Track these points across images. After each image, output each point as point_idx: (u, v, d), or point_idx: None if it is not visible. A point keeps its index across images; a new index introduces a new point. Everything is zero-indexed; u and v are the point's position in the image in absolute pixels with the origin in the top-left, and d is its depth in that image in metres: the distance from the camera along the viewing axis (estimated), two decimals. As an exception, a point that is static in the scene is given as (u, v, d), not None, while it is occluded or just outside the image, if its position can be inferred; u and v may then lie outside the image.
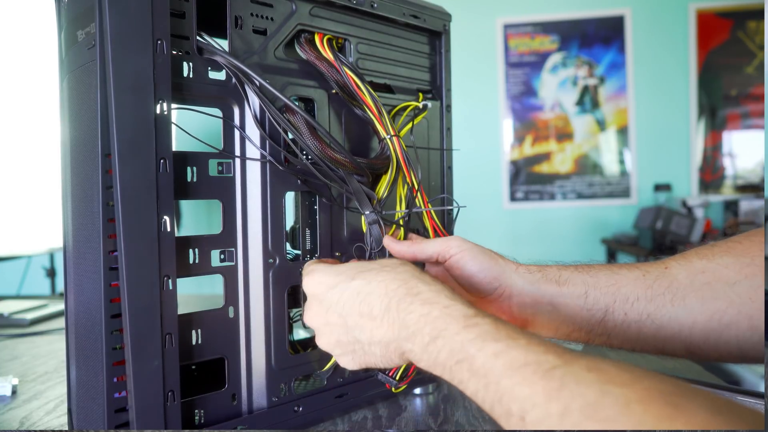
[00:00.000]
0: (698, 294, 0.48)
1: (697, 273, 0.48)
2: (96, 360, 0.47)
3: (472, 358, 0.36)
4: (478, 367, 0.36)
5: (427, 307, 0.40)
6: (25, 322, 1.10)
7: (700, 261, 0.49)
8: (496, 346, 0.35)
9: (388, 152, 0.59)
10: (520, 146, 3.29)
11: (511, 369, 0.34)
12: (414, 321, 0.41)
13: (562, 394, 0.31)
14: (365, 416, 0.61)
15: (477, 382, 0.36)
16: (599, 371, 0.31)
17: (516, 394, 0.33)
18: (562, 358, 0.33)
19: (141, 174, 0.45)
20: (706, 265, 0.48)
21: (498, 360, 0.35)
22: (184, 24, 0.50)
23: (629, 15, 3.20)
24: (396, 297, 0.42)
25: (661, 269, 0.50)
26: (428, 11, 0.68)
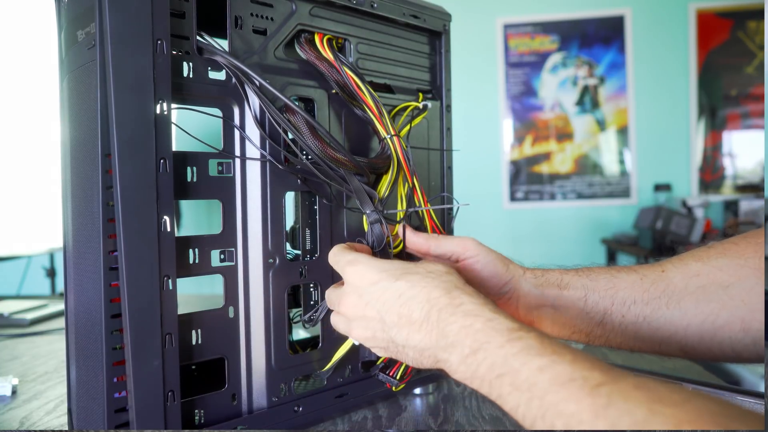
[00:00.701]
0: (693, 297, 0.48)
1: (693, 276, 0.49)
2: (96, 360, 0.47)
3: (516, 373, 0.35)
4: (521, 381, 0.35)
5: (469, 318, 0.40)
6: (25, 322, 1.10)
7: (696, 263, 0.49)
8: (541, 360, 0.35)
9: (388, 152, 0.59)
10: (520, 146, 3.29)
11: (556, 384, 0.33)
12: (455, 332, 0.40)
13: (609, 412, 0.30)
14: (365, 416, 0.61)
15: (519, 396, 0.35)
16: (648, 390, 0.31)
17: (561, 410, 0.32)
18: (609, 374, 0.33)
19: (141, 174, 0.45)
20: (701, 268, 0.49)
21: (543, 375, 0.34)
22: (184, 24, 0.50)
23: (629, 15, 3.20)
24: (438, 306, 0.42)
25: (658, 272, 0.51)
26: (428, 11, 0.68)
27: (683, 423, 0.28)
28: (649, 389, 0.31)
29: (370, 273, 0.47)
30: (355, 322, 0.49)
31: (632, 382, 0.32)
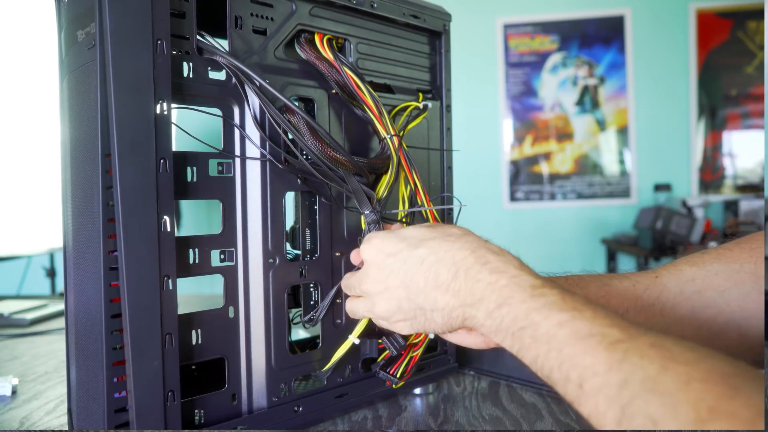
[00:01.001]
0: (688, 303, 0.48)
1: (688, 281, 0.49)
2: (96, 360, 0.47)
3: (536, 326, 0.37)
4: (541, 334, 0.36)
5: (495, 275, 0.41)
6: (25, 322, 1.10)
7: (691, 269, 0.49)
8: (561, 315, 0.36)
9: (388, 152, 0.59)
10: (520, 146, 3.29)
11: (574, 338, 0.34)
12: (481, 289, 0.41)
13: (623, 366, 0.31)
14: (365, 416, 0.61)
15: (538, 348, 0.36)
16: (662, 348, 0.32)
17: (577, 362, 0.34)
18: (627, 332, 0.34)
19: (141, 174, 0.45)
20: (696, 273, 0.49)
21: (562, 329, 0.35)
22: (184, 24, 0.50)
23: (629, 15, 3.20)
24: (464, 266, 0.43)
25: (652, 278, 0.51)
26: (428, 11, 0.68)
27: (693, 380, 0.29)
28: (665, 347, 0.32)
29: (385, 245, 0.47)
30: (378, 296, 0.49)
31: (649, 340, 0.32)
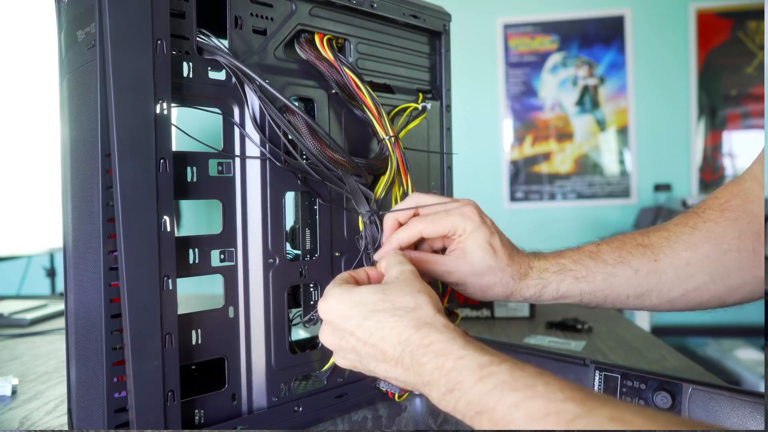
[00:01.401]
0: (681, 286, 0.53)
1: (683, 266, 0.53)
2: (96, 360, 0.47)
3: (492, 411, 0.36)
4: (498, 419, 0.36)
5: (441, 359, 0.40)
6: (25, 322, 1.10)
7: (686, 252, 0.53)
8: (514, 396, 0.35)
9: (386, 153, 0.59)
10: (520, 146, 3.29)
11: (532, 420, 0.34)
12: (429, 372, 0.41)
13: None
14: (365, 416, 0.61)
15: None
16: (622, 421, 0.31)
17: None
18: (584, 406, 0.33)
19: (141, 174, 0.45)
20: (691, 257, 0.53)
21: (518, 411, 0.35)
22: (183, 24, 0.50)
23: (629, 15, 3.20)
24: (409, 347, 0.42)
25: (651, 263, 0.53)
26: (428, 11, 0.68)
27: None
28: (624, 421, 0.31)
29: (340, 308, 0.46)
30: (335, 353, 0.49)
31: (607, 413, 0.32)
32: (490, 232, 0.54)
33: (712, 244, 0.52)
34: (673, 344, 0.93)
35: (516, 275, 0.54)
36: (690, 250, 0.53)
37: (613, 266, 0.54)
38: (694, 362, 0.80)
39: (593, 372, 0.62)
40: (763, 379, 0.81)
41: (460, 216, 0.53)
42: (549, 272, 0.55)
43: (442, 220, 0.53)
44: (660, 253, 0.54)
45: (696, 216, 0.55)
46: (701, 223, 0.54)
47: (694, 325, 3.11)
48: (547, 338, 0.93)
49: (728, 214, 0.53)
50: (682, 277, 0.53)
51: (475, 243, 0.53)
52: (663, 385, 0.57)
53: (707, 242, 0.53)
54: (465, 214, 0.53)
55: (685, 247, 0.53)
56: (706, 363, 2.55)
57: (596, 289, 0.54)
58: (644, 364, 0.79)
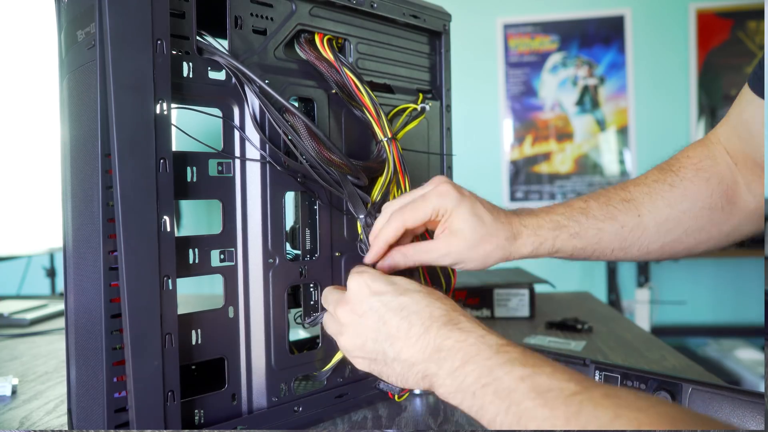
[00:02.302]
0: (660, 240, 0.58)
1: (663, 221, 0.57)
2: (96, 360, 0.47)
3: (499, 381, 0.39)
4: (503, 388, 0.39)
5: (464, 334, 0.44)
6: (25, 322, 1.10)
7: (667, 209, 0.57)
8: (523, 370, 0.39)
9: (384, 155, 0.59)
10: (520, 146, 3.29)
11: (534, 392, 0.37)
12: (449, 346, 0.43)
13: (579, 417, 0.34)
14: (365, 416, 0.61)
15: (499, 405, 0.38)
16: (615, 397, 0.35)
17: (536, 415, 0.36)
18: (582, 385, 0.37)
19: (141, 174, 0.45)
20: (670, 214, 0.57)
21: (523, 383, 0.38)
22: (183, 24, 0.50)
23: (629, 15, 3.20)
24: (438, 323, 0.45)
25: (636, 219, 0.57)
26: (428, 11, 0.68)
27: (644, 425, 0.32)
28: (617, 396, 0.35)
29: (377, 283, 0.49)
30: (349, 326, 0.49)
31: (603, 391, 0.36)
32: (471, 203, 0.53)
33: (689, 202, 0.57)
34: (673, 344, 0.93)
35: (510, 236, 0.54)
36: (670, 207, 0.57)
37: (602, 221, 0.56)
38: (694, 362, 0.80)
39: (593, 372, 0.62)
40: (763, 379, 0.81)
41: (438, 196, 0.53)
42: (545, 229, 0.55)
43: (422, 205, 0.53)
44: (642, 208, 0.57)
45: (673, 174, 0.58)
46: (678, 181, 0.58)
47: (694, 325, 3.11)
48: (547, 338, 0.93)
49: (702, 174, 0.58)
50: (662, 231, 0.57)
51: (460, 218, 0.53)
52: (663, 385, 0.57)
53: (685, 200, 0.57)
54: (442, 193, 0.53)
55: (666, 204, 0.57)
56: (706, 363, 2.55)
57: (587, 244, 0.56)
58: (644, 364, 0.79)
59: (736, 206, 0.58)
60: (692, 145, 0.61)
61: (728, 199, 0.58)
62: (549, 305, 1.18)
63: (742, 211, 0.59)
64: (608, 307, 1.25)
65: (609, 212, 0.57)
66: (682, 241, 0.58)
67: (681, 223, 0.57)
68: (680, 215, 0.57)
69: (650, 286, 2.83)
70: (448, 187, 0.54)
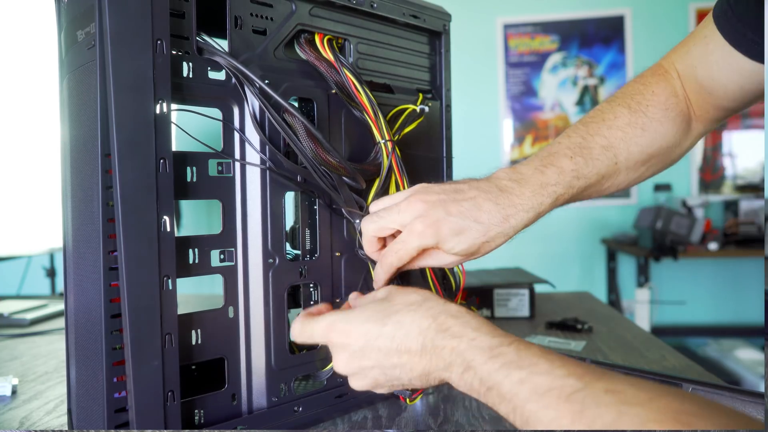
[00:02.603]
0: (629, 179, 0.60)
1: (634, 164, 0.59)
2: (96, 360, 0.47)
3: (500, 385, 0.39)
4: (505, 392, 0.39)
5: (456, 340, 0.43)
6: (25, 322, 1.10)
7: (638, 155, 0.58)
8: (520, 373, 0.39)
9: (380, 158, 0.59)
10: (520, 146, 3.29)
11: (536, 394, 0.37)
12: (447, 354, 0.44)
13: (584, 416, 0.34)
14: (365, 416, 0.61)
15: (507, 406, 0.39)
16: (616, 393, 0.35)
17: (541, 417, 0.36)
18: (583, 380, 0.36)
19: (141, 174, 0.45)
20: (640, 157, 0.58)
21: (523, 386, 0.38)
22: (183, 24, 0.50)
23: (629, 15, 3.20)
24: (429, 334, 0.45)
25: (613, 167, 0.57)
26: (428, 11, 0.68)
27: (649, 421, 0.32)
28: (618, 392, 0.35)
29: (355, 328, 0.47)
30: (353, 377, 0.49)
31: (603, 386, 0.35)
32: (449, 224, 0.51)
33: (658, 144, 0.59)
34: (673, 344, 0.93)
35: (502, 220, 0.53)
36: (642, 152, 0.58)
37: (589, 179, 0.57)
38: (694, 362, 0.80)
39: (593, 372, 0.62)
40: (763, 379, 0.81)
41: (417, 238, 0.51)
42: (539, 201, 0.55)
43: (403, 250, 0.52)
44: (620, 155, 0.58)
45: (643, 115, 0.59)
46: (649, 123, 0.58)
47: (694, 325, 3.12)
48: (547, 338, 0.93)
49: (669, 113, 0.59)
50: (631, 173, 0.59)
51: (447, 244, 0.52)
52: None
53: (654, 143, 0.59)
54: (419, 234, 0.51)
55: (639, 150, 0.58)
56: (706, 363, 2.55)
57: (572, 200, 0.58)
58: (644, 364, 0.79)
59: (688, 135, 0.61)
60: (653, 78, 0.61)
61: (685, 131, 0.60)
62: (549, 305, 1.18)
63: (690, 138, 0.61)
64: (608, 307, 1.25)
65: (595, 167, 0.57)
66: (643, 175, 0.61)
67: (651, 166, 0.60)
68: (648, 157, 0.59)
69: (650, 286, 2.83)
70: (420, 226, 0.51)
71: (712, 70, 0.56)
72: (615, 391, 0.35)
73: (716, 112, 0.60)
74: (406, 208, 0.52)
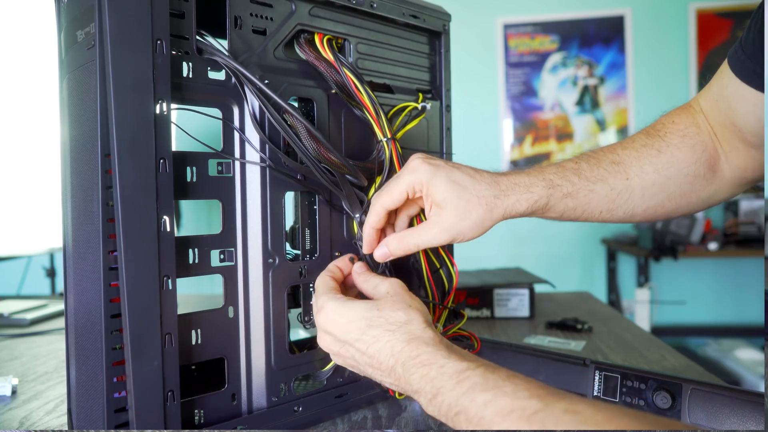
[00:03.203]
0: (645, 204, 0.59)
1: (650, 185, 0.58)
2: (96, 360, 0.47)
3: (467, 409, 0.41)
4: (471, 416, 0.40)
5: (426, 368, 0.45)
6: (25, 322, 1.10)
7: (653, 175, 0.58)
8: (485, 396, 0.40)
9: (382, 156, 0.59)
10: (520, 146, 3.29)
11: (499, 416, 0.39)
12: (417, 380, 0.45)
13: None
14: (365, 416, 0.61)
15: (474, 429, 0.40)
16: (575, 413, 0.36)
17: None
18: (544, 401, 0.38)
19: (141, 174, 0.45)
20: (656, 179, 0.58)
21: (488, 409, 0.39)
22: (183, 24, 0.50)
23: (629, 15, 3.20)
24: (400, 359, 0.47)
25: (624, 182, 0.58)
26: (428, 11, 0.68)
27: None
28: (577, 412, 0.36)
29: (341, 321, 0.51)
30: (334, 355, 0.53)
31: (563, 406, 0.37)
32: (447, 171, 0.53)
33: (675, 168, 0.58)
34: (673, 344, 0.93)
35: (499, 193, 0.53)
36: (657, 173, 0.58)
37: (594, 183, 0.57)
38: (694, 362, 0.80)
39: (593, 372, 0.62)
40: (763, 379, 0.81)
41: (410, 173, 0.53)
42: (538, 186, 0.55)
43: (395, 185, 0.54)
44: (631, 171, 0.58)
45: (659, 139, 0.59)
46: (665, 147, 0.59)
47: (694, 325, 3.11)
48: (547, 338, 0.93)
49: (687, 140, 0.59)
50: (647, 195, 0.58)
51: (438, 188, 0.52)
52: (663, 385, 0.57)
53: (671, 166, 0.58)
54: (413, 169, 0.53)
55: (653, 169, 0.58)
56: (706, 363, 2.55)
57: (578, 204, 0.57)
58: (644, 364, 0.79)
59: (716, 175, 0.60)
60: (675, 110, 0.62)
61: (710, 167, 0.59)
62: (549, 305, 1.18)
63: (720, 179, 0.60)
64: (608, 307, 1.25)
65: (600, 174, 0.57)
66: (664, 205, 0.59)
67: (665, 189, 0.59)
68: (665, 180, 0.58)
69: (650, 286, 2.83)
70: (419, 161, 0.54)
71: (730, 101, 0.57)
72: (574, 411, 0.36)
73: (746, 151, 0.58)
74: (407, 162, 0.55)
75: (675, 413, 0.56)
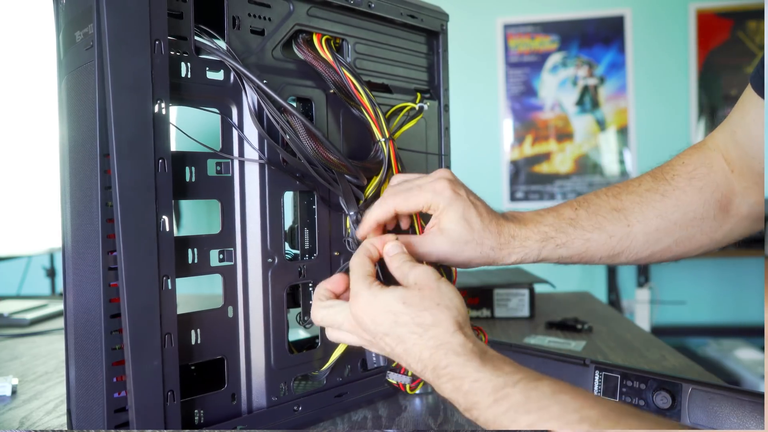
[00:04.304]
0: (650, 249, 0.58)
1: (653, 231, 0.57)
2: (95, 360, 0.47)
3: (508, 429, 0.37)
4: None
5: (457, 381, 0.41)
6: (25, 322, 1.10)
7: (656, 220, 0.57)
8: (528, 419, 0.37)
9: (381, 155, 0.59)
10: (520, 146, 3.29)
11: None
12: (448, 391, 0.42)
13: None
14: (365, 416, 0.61)
15: None
16: None
17: None
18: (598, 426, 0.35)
19: (140, 174, 0.45)
20: (660, 224, 0.57)
21: None
22: (181, 24, 0.50)
23: (629, 15, 3.20)
24: (429, 366, 0.43)
25: (625, 229, 0.57)
26: (426, 11, 0.68)
27: None
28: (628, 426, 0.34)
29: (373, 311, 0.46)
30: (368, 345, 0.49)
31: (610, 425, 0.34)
32: (465, 206, 0.53)
33: (680, 212, 0.57)
34: (673, 344, 0.93)
35: (496, 246, 0.54)
36: (660, 218, 0.57)
37: (590, 232, 0.56)
38: (694, 362, 0.80)
39: (593, 372, 0.62)
40: (763, 379, 0.81)
41: (432, 192, 0.52)
42: (531, 240, 0.55)
43: (415, 195, 0.53)
44: (632, 218, 0.57)
45: (665, 183, 0.58)
46: (671, 191, 0.57)
47: (694, 325, 3.11)
48: (547, 338, 0.93)
49: (695, 182, 0.57)
50: (651, 241, 0.57)
51: (449, 218, 0.52)
52: (663, 385, 0.57)
53: (676, 211, 0.57)
54: (437, 190, 0.52)
55: (656, 214, 0.57)
56: (706, 363, 2.54)
57: (574, 253, 0.56)
58: (644, 364, 0.79)
59: (729, 214, 0.58)
60: (688, 150, 0.60)
61: (721, 207, 0.57)
62: (549, 305, 1.18)
63: (734, 217, 0.58)
64: (608, 307, 1.25)
65: (597, 222, 0.56)
66: (671, 249, 0.58)
67: (671, 233, 0.57)
68: (670, 225, 0.57)
69: (650, 286, 2.83)
70: (446, 184, 0.53)
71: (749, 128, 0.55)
72: None
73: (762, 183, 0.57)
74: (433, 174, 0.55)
75: (675, 413, 0.56)
